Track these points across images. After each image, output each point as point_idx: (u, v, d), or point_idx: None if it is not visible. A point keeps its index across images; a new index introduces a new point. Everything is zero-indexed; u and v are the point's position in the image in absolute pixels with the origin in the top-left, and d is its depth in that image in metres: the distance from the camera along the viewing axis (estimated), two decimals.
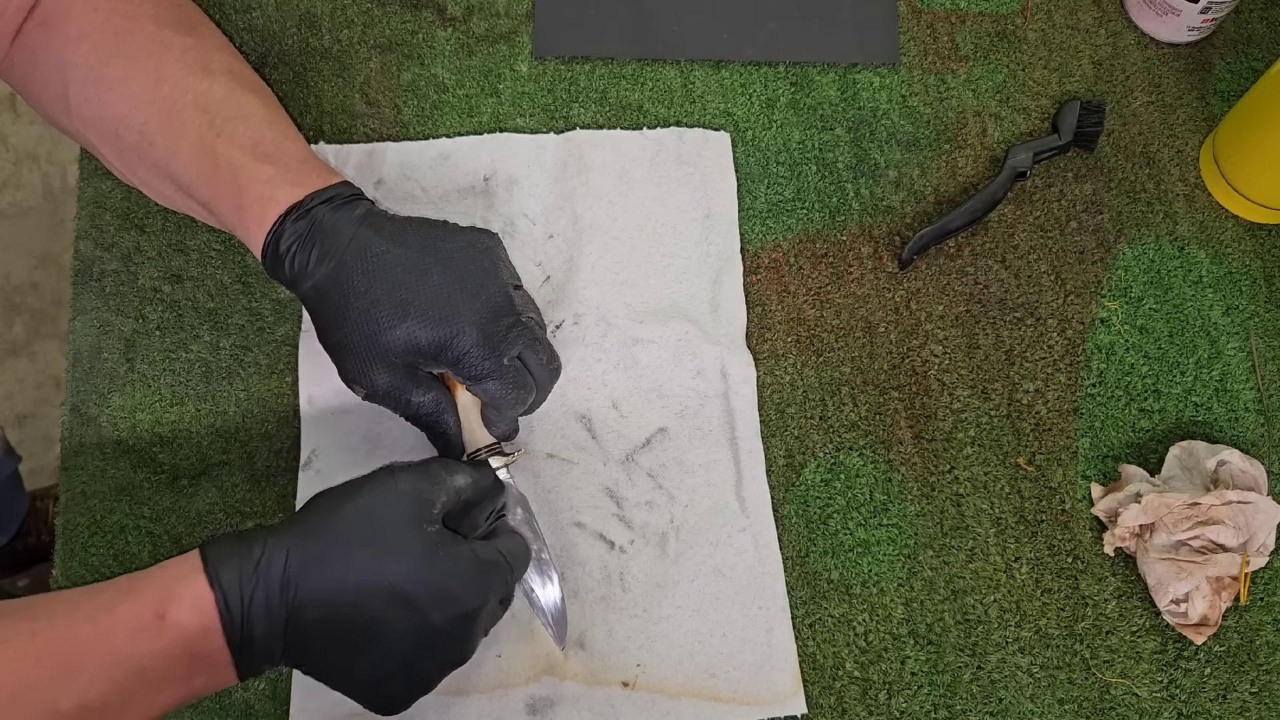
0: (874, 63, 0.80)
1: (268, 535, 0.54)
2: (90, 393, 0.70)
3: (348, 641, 0.54)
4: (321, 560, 0.53)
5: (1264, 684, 0.66)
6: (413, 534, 0.55)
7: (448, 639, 0.56)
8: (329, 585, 0.53)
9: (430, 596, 0.54)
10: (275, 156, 0.61)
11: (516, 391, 0.61)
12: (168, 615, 0.51)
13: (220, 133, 0.61)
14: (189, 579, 0.52)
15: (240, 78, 0.64)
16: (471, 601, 0.56)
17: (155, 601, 0.52)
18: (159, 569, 0.54)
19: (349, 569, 0.53)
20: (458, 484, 0.58)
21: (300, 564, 0.53)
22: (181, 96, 0.62)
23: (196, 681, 0.53)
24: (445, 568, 0.55)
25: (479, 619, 0.57)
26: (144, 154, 0.63)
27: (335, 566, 0.53)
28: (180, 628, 0.51)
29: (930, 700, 0.65)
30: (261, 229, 0.61)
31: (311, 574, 0.53)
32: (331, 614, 0.53)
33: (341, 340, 0.60)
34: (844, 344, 0.73)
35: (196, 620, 0.52)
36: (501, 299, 0.61)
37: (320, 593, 0.53)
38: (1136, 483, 0.67)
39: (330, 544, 0.54)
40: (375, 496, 0.56)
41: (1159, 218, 0.77)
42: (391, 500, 0.56)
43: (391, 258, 0.60)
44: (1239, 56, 0.81)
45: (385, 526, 0.55)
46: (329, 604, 0.53)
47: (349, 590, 0.53)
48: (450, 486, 0.58)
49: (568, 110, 0.77)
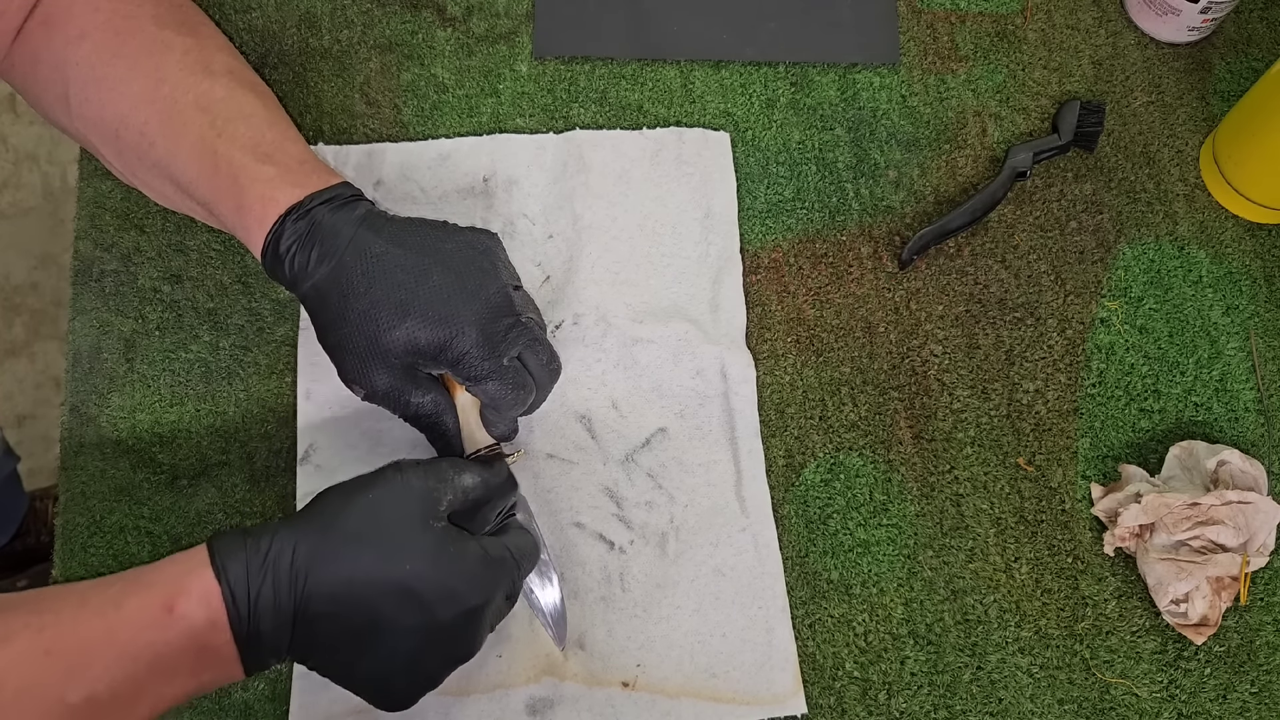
0: (874, 63, 0.80)
1: (277, 528, 0.54)
2: (90, 393, 0.70)
3: (354, 636, 0.54)
4: (330, 555, 0.53)
5: (1264, 684, 0.66)
6: (421, 531, 0.55)
7: (454, 635, 0.56)
8: (337, 580, 0.53)
9: (437, 593, 0.54)
10: (276, 157, 0.61)
11: (516, 392, 0.61)
12: (175, 608, 0.51)
13: (221, 133, 0.61)
14: (196, 572, 0.53)
15: (241, 78, 0.64)
16: (477, 598, 0.56)
17: (163, 595, 0.52)
18: (167, 562, 0.54)
19: (357, 564, 0.53)
20: (465, 483, 0.58)
21: (308, 557, 0.53)
22: (182, 97, 0.62)
23: (204, 675, 0.53)
24: (452, 565, 0.55)
25: (485, 615, 0.57)
26: (144, 154, 0.63)
27: (343, 561, 0.53)
28: (188, 621, 0.51)
29: (930, 700, 0.65)
30: (261, 229, 0.61)
31: (319, 568, 0.53)
32: (339, 608, 0.53)
33: (341, 341, 0.60)
34: (844, 344, 0.73)
35: (204, 614, 0.52)
36: (501, 299, 0.61)
37: (328, 586, 0.53)
38: (1136, 483, 0.67)
39: (339, 539, 0.54)
40: (384, 493, 0.56)
41: (1159, 218, 0.77)
42: (400, 497, 0.56)
43: (391, 258, 0.60)
44: (1239, 56, 0.81)
45: (394, 523, 0.55)
46: (336, 598, 0.53)
47: (357, 585, 0.53)
48: (458, 485, 0.58)
49: (567, 110, 0.77)
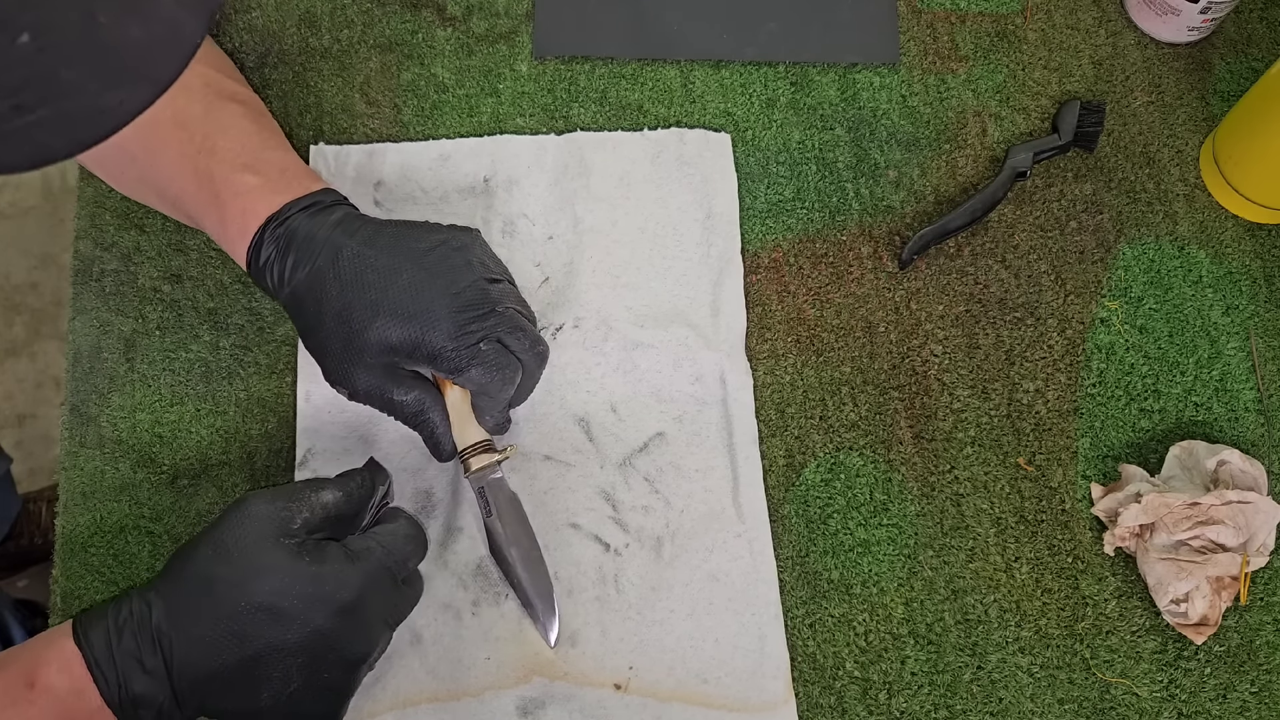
0: (874, 63, 0.79)
1: (134, 592, 0.54)
2: (90, 393, 0.70)
3: (240, 673, 0.53)
4: (186, 601, 0.53)
5: (1264, 684, 0.66)
6: (270, 550, 0.54)
7: (338, 637, 0.55)
8: (199, 623, 0.53)
9: (302, 601, 0.53)
10: (256, 167, 0.61)
11: (501, 372, 0.61)
12: (37, 682, 0.51)
13: (200, 149, 0.61)
14: (57, 644, 0.52)
15: (220, 89, 0.64)
16: (346, 594, 0.54)
17: (24, 671, 0.51)
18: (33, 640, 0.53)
19: (214, 601, 0.53)
20: (324, 499, 0.57)
21: (166, 611, 0.53)
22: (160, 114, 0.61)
23: None
24: (310, 571, 0.54)
25: (364, 610, 0.55)
26: (126, 169, 0.63)
27: (201, 603, 0.53)
28: (51, 692, 0.51)
29: (930, 700, 0.65)
30: (244, 241, 0.61)
31: (180, 618, 0.53)
32: (212, 650, 0.52)
33: (320, 343, 0.61)
34: (844, 344, 0.73)
35: (67, 682, 0.51)
36: (475, 293, 0.61)
37: (193, 631, 0.52)
38: (1136, 483, 0.67)
39: (191, 583, 0.54)
40: (226, 527, 0.55)
41: (1159, 218, 0.77)
42: (244, 526, 0.55)
43: (362, 259, 0.60)
44: (1239, 56, 0.81)
45: (241, 550, 0.54)
46: (205, 640, 0.52)
47: (221, 620, 0.53)
48: (315, 503, 0.57)
49: (568, 110, 0.77)
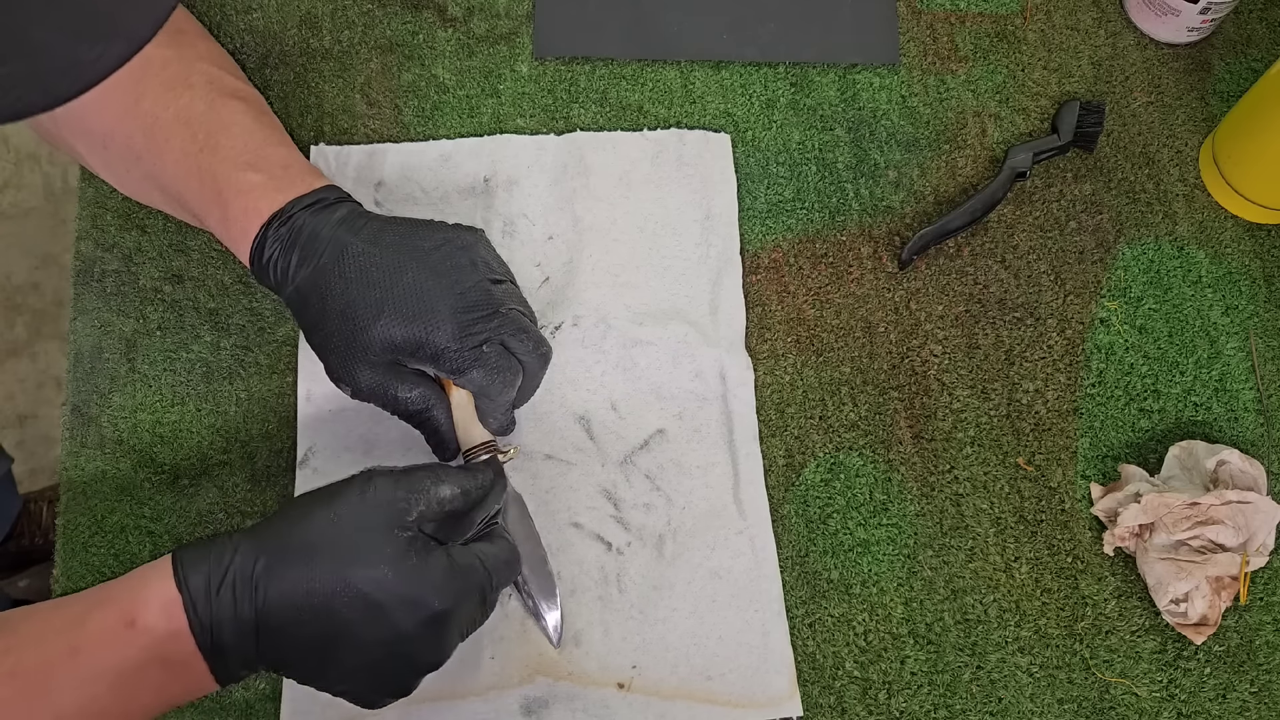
0: (874, 63, 0.80)
1: (240, 539, 0.54)
2: (91, 393, 0.70)
3: (317, 646, 0.53)
4: (289, 565, 0.53)
5: (1264, 684, 0.66)
6: (383, 540, 0.54)
7: (418, 643, 0.55)
8: (296, 590, 0.53)
9: (397, 601, 0.54)
10: (259, 165, 0.61)
11: (502, 375, 0.61)
12: (137, 621, 0.51)
13: (203, 147, 0.61)
14: (158, 584, 0.52)
15: (222, 87, 0.64)
16: (441, 605, 0.55)
17: (124, 609, 0.51)
18: (131, 576, 0.53)
19: (316, 574, 0.53)
20: (442, 494, 0.57)
21: (268, 568, 0.53)
22: (163, 112, 0.62)
23: (173, 688, 0.52)
24: (414, 573, 0.54)
25: (451, 623, 0.56)
26: (132, 166, 0.63)
27: (303, 571, 0.53)
28: (150, 633, 0.51)
29: (930, 700, 0.65)
30: (247, 239, 0.61)
31: (279, 578, 0.53)
32: (300, 618, 0.53)
33: (323, 341, 0.61)
34: (844, 344, 0.73)
35: (165, 625, 0.51)
36: (478, 294, 0.61)
37: (287, 596, 0.53)
38: (1136, 483, 0.67)
39: (299, 549, 0.54)
40: (347, 502, 0.55)
41: (1158, 218, 0.77)
42: (363, 506, 0.55)
43: (367, 257, 0.60)
44: (1239, 56, 0.81)
45: (355, 532, 0.54)
46: (297, 608, 0.53)
47: (316, 595, 0.53)
48: (433, 495, 0.57)
49: (568, 111, 0.78)
